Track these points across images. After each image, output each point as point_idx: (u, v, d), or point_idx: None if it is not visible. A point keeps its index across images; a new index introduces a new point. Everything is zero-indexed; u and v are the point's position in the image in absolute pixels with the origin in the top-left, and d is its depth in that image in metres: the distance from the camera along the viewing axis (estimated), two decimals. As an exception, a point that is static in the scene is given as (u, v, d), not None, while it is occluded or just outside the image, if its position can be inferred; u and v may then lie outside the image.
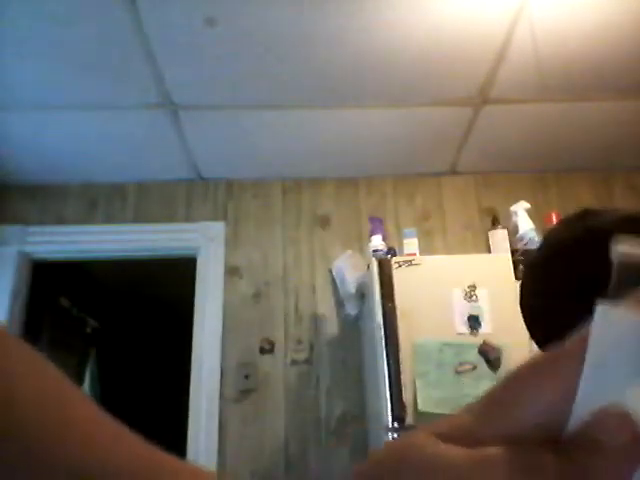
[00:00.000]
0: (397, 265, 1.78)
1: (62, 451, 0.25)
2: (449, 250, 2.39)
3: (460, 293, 1.72)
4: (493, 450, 0.18)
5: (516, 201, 2.18)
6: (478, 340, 1.65)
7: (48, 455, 0.25)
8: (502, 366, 1.61)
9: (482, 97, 2.05)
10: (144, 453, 0.26)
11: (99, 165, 2.42)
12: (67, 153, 2.33)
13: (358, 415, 2.17)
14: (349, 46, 1.77)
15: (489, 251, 2.22)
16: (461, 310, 1.70)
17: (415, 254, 2.02)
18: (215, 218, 2.48)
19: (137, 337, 4.14)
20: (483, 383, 1.58)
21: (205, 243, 2.42)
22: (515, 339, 1.59)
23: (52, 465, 0.25)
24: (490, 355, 1.62)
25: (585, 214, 0.61)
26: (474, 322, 1.67)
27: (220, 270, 2.37)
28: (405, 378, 1.63)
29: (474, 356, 1.63)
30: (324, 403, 2.20)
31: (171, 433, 3.03)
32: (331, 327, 2.31)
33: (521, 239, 2.12)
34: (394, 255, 1.97)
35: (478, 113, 2.14)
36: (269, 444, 2.13)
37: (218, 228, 2.45)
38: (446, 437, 0.19)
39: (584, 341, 0.18)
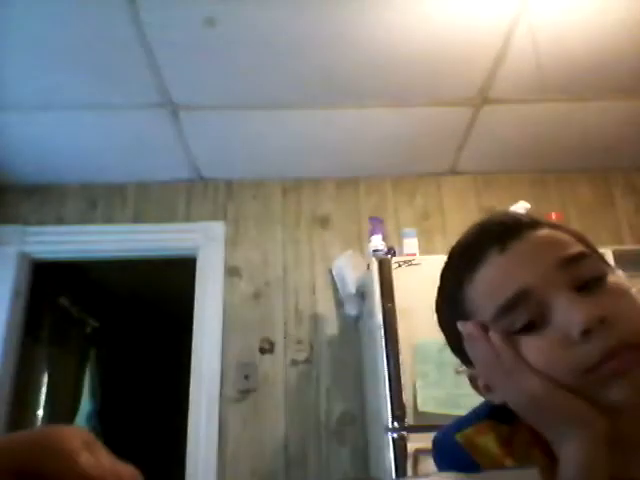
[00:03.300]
0: (397, 265, 1.77)
1: None
2: (449, 250, 2.39)
3: (460, 293, 1.72)
4: None
5: (516, 201, 2.17)
6: (478, 340, 1.65)
7: None
8: (502, 366, 1.61)
9: (482, 97, 2.05)
10: None
11: (99, 165, 2.41)
12: (67, 153, 2.33)
13: (358, 415, 2.17)
14: (349, 46, 1.77)
15: (489, 251, 2.22)
16: (461, 310, 1.69)
17: (415, 254, 2.02)
18: (215, 218, 2.48)
19: (137, 337, 4.14)
20: (483, 383, 1.58)
21: (205, 243, 2.42)
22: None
23: None
24: (490, 355, 1.62)
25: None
26: (474, 322, 1.67)
27: (220, 270, 2.37)
28: (405, 378, 1.63)
29: (474, 356, 1.62)
30: (324, 403, 2.20)
31: (171, 433, 3.03)
32: (331, 327, 2.31)
33: (521, 239, 2.11)
34: (394, 255, 1.97)
35: (478, 113, 2.14)
36: (269, 444, 2.13)
37: (218, 228, 2.45)
38: None
39: None
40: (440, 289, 0.61)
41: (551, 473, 0.49)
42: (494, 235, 0.55)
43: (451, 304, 0.58)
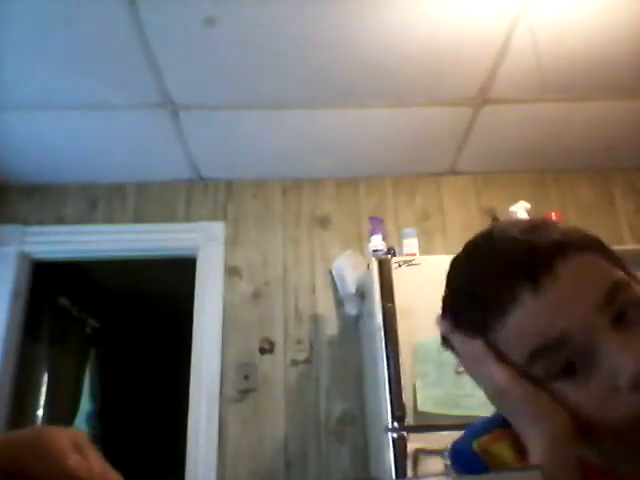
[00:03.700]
0: (397, 265, 1.77)
1: None
2: (449, 250, 2.39)
3: (460, 293, 1.71)
4: None
5: (516, 201, 2.18)
6: (478, 340, 1.65)
7: None
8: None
9: (482, 97, 2.05)
10: None
11: (99, 165, 2.41)
12: (67, 153, 2.32)
13: (358, 415, 2.17)
14: (349, 46, 1.77)
15: (489, 251, 2.22)
16: (461, 310, 1.69)
17: (415, 254, 2.02)
18: (215, 218, 2.48)
19: (137, 337, 4.14)
20: (483, 383, 1.58)
21: (205, 243, 2.42)
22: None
23: None
24: (490, 355, 1.62)
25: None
26: (474, 322, 1.67)
27: (220, 270, 2.37)
28: (405, 378, 1.63)
29: (474, 356, 1.62)
30: (324, 403, 2.20)
31: (171, 433, 3.03)
32: (331, 327, 2.31)
33: (521, 239, 2.11)
34: (394, 255, 1.97)
35: (478, 113, 2.14)
36: (269, 444, 2.13)
37: (218, 228, 2.45)
38: None
39: None
40: (459, 320, 0.56)
41: None
42: (524, 270, 0.50)
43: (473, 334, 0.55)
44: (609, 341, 0.47)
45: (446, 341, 0.58)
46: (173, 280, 2.79)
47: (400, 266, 1.77)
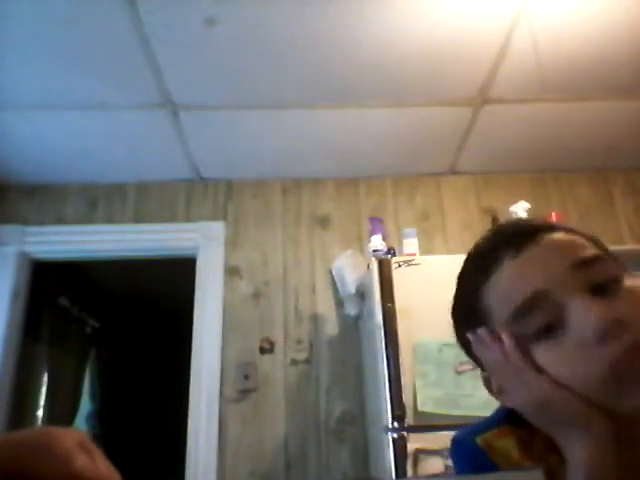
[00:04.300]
0: (397, 265, 1.77)
1: None
2: (449, 250, 2.39)
3: (460, 293, 1.71)
4: None
5: (516, 201, 2.18)
6: (478, 340, 1.65)
7: None
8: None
9: (482, 97, 2.05)
10: None
11: (99, 165, 2.41)
12: (67, 153, 2.32)
13: (358, 415, 2.17)
14: (349, 46, 1.77)
15: (489, 251, 2.22)
16: (461, 310, 1.69)
17: (415, 254, 2.02)
18: (215, 218, 2.48)
19: (137, 337, 4.14)
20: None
21: (205, 243, 2.42)
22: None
23: None
24: (490, 355, 1.62)
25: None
26: (474, 322, 1.67)
27: (220, 270, 2.37)
28: (405, 378, 1.63)
29: (474, 356, 1.62)
30: (324, 403, 2.20)
31: (171, 433, 3.03)
32: (331, 327, 2.31)
33: (521, 239, 2.11)
34: (394, 255, 1.97)
35: (478, 113, 2.14)
36: (269, 444, 2.13)
37: (218, 228, 2.45)
38: None
39: None
40: (456, 293, 0.61)
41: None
42: (509, 238, 0.54)
43: (467, 308, 0.58)
44: (579, 300, 0.49)
45: (470, 354, 0.59)
46: (173, 280, 2.79)
47: (400, 266, 1.77)
